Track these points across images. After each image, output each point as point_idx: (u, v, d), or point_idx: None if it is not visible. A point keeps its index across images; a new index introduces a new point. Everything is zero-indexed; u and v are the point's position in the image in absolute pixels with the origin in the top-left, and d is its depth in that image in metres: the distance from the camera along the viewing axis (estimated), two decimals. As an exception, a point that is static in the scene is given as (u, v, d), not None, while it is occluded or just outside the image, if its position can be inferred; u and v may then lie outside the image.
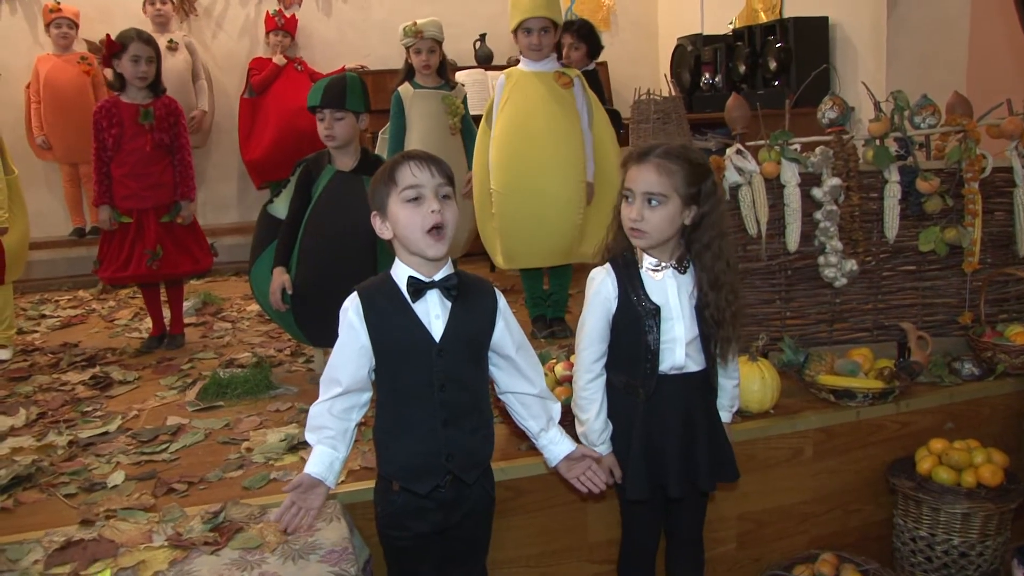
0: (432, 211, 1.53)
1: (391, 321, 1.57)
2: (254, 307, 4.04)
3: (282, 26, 5.36)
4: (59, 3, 5.03)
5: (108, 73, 3.39)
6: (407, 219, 1.54)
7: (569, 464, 1.75)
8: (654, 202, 1.69)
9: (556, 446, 1.74)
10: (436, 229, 1.54)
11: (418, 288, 1.57)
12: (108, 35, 3.30)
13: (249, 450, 2.26)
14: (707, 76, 5.09)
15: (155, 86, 3.32)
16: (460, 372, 1.60)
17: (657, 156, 1.69)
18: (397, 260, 1.61)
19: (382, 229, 1.61)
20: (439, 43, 3.61)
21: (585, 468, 1.75)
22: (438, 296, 1.58)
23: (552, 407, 1.75)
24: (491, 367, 1.71)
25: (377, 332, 1.57)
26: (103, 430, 2.48)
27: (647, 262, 1.77)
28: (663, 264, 1.76)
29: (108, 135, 3.24)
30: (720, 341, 1.78)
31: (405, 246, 1.58)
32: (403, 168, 1.55)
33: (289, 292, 2.61)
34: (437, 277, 1.58)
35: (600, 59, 4.67)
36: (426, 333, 1.57)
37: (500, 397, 1.77)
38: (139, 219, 3.31)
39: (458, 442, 1.60)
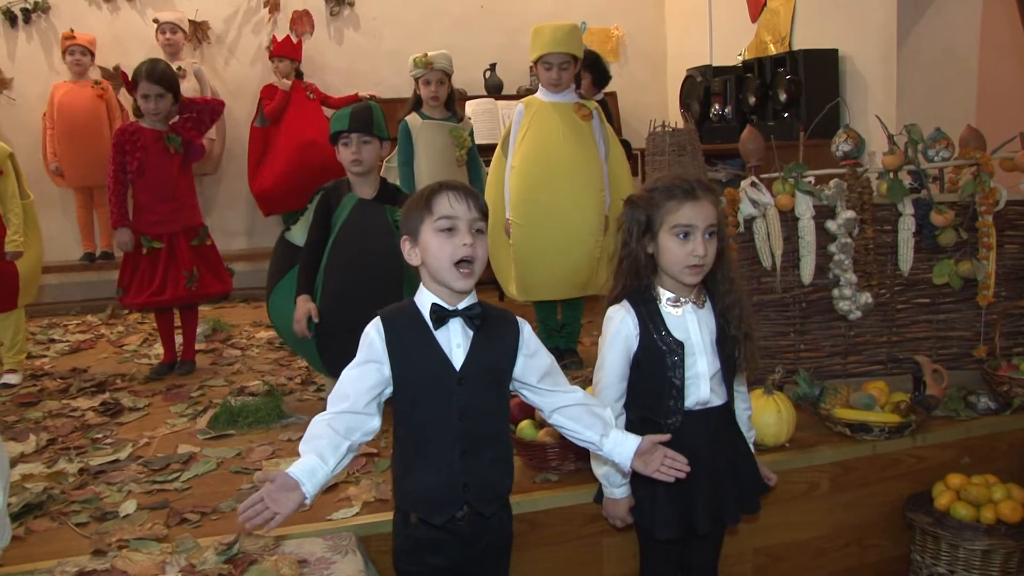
0: (464, 244, 1.53)
1: (412, 347, 1.56)
2: (264, 334, 4.04)
3: (272, 51, 5.32)
4: (73, 30, 5.08)
5: (131, 102, 3.47)
6: (438, 249, 1.54)
7: (644, 459, 1.61)
8: (709, 235, 1.70)
9: (623, 446, 1.62)
10: (465, 262, 1.53)
11: (441, 316, 1.56)
12: (123, 71, 3.36)
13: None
14: (717, 107, 5.11)
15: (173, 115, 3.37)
16: (480, 402, 1.58)
17: (704, 189, 1.70)
18: (421, 286, 1.61)
19: (411, 254, 1.60)
20: (448, 75, 3.62)
21: (661, 457, 1.60)
22: (460, 325, 1.57)
23: (602, 411, 1.66)
24: (526, 395, 1.67)
25: (397, 358, 1.55)
26: (114, 457, 2.47)
27: (666, 298, 1.76)
28: (682, 299, 1.76)
29: (132, 159, 3.28)
30: (747, 357, 1.77)
31: (432, 275, 1.57)
32: (441, 198, 1.55)
33: (315, 320, 2.60)
34: (461, 306, 1.58)
35: (609, 89, 4.70)
36: (446, 361, 1.56)
37: (549, 422, 1.70)
38: (170, 243, 3.35)
39: (476, 472, 1.58)
